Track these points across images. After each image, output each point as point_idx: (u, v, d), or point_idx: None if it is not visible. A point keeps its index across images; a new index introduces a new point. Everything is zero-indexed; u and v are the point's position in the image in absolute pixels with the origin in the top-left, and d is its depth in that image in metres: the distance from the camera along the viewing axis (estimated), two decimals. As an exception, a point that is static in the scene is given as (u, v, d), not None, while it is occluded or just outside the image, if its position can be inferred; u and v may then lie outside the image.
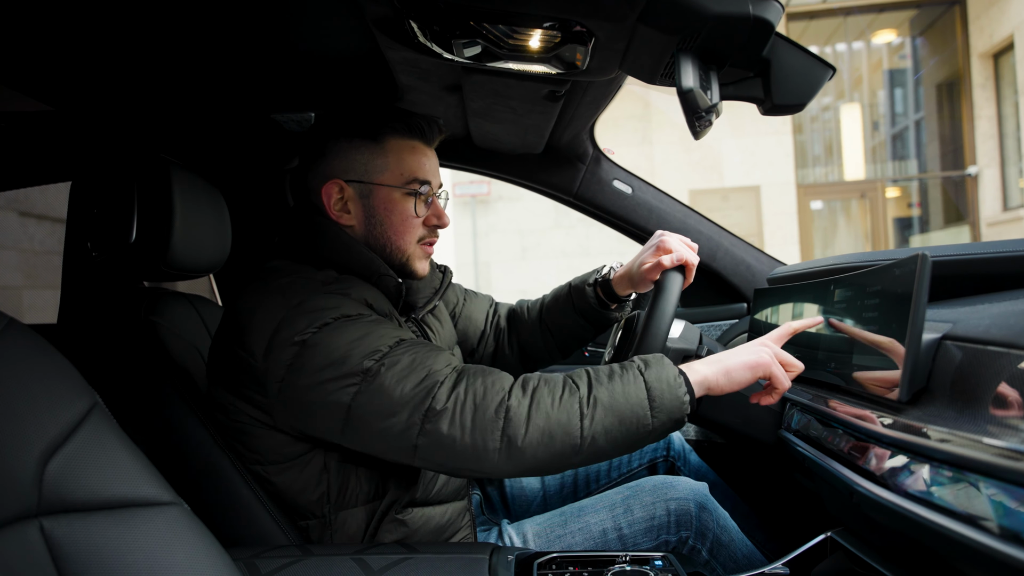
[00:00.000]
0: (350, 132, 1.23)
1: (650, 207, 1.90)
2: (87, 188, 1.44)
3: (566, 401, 1.00)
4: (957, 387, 0.81)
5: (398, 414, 0.99)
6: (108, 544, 0.75)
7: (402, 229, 1.25)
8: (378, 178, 1.23)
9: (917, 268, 0.84)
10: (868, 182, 10.83)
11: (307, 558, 1.03)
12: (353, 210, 1.24)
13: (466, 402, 0.99)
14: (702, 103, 0.96)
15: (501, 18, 0.98)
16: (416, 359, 1.03)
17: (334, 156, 1.24)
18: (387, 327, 1.08)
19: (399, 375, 1.00)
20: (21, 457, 0.71)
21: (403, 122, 1.23)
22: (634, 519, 1.28)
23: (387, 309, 1.18)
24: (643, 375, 1.03)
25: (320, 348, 1.03)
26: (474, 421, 0.97)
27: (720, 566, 1.28)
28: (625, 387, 1.01)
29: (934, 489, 0.74)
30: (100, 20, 1.15)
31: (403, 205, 1.24)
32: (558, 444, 0.98)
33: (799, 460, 1.16)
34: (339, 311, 1.07)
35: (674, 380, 1.03)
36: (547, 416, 0.98)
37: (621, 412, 1.00)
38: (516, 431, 0.97)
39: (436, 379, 1.00)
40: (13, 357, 0.74)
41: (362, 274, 1.21)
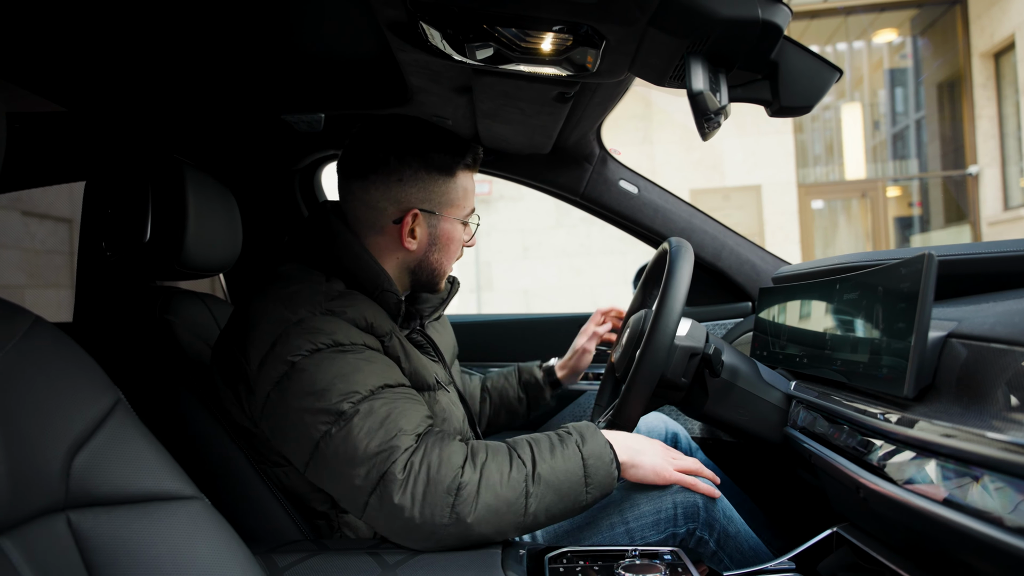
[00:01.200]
0: (430, 165, 1.27)
1: (656, 207, 1.92)
2: (101, 188, 1.46)
3: (514, 478, 1.05)
4: (962, 384, 0.82)
5: (359, 467, 1.03)
6: (133, 537, 0.77)
7: (452, 255, 1.34)
8: (448, 211, 1.31)
9: (924, 267, 0.86)
10: (869, 181, 10.85)
11: (323, 552, 1.04)
12: (419, 236, 1.30)
13: (419, 474, 1.02)
14: (711, 105, 0.98)
15: (514, 21, 1.00)
16: (391, 414, 1.06)
17: (412, 184, 1.27)
18: (375, 366, 1.11)
19: (369, 428, 1.04)
20: (49, 452, 0.73)
21: (472, 156, 1.31)
22: (641, 512, 1.30)
23: (387, 327, 1.21)
24: (580, 450, 1.11)
25: (306, 375, 1.07)
26: (425, 495, 1.01)
27: (727, 557, 1.30)
28: (566, 463, 1.09)
29: (941, 483, 0.75)
30: (113, 22, 1.17)
31: (459, 233, 1.34)
32: (504, 521, 1.04)
33: (805, 457, 1.17)
34: (333, 338, 1.09)
35: (606, 456, 1.13)
36: (496, 494, 1.03)
37: (561, 488, 1.08)
38: (466, 509, 1.01)
39: (399, 444, 1.04)
40: (40, 355, 0.76)
41: (366, 288, 1.24)
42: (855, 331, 1.07)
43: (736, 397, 1.31)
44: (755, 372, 1.33)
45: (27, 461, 0.70)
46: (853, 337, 1.07)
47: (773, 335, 1.44)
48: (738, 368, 1.31)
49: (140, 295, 1.42)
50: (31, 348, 0.75)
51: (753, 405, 1.31)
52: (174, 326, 1.38)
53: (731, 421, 1.32)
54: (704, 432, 1.94)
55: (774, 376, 1.35)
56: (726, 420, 1.33)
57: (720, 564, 1.29)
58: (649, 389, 1.23)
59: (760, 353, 1.48)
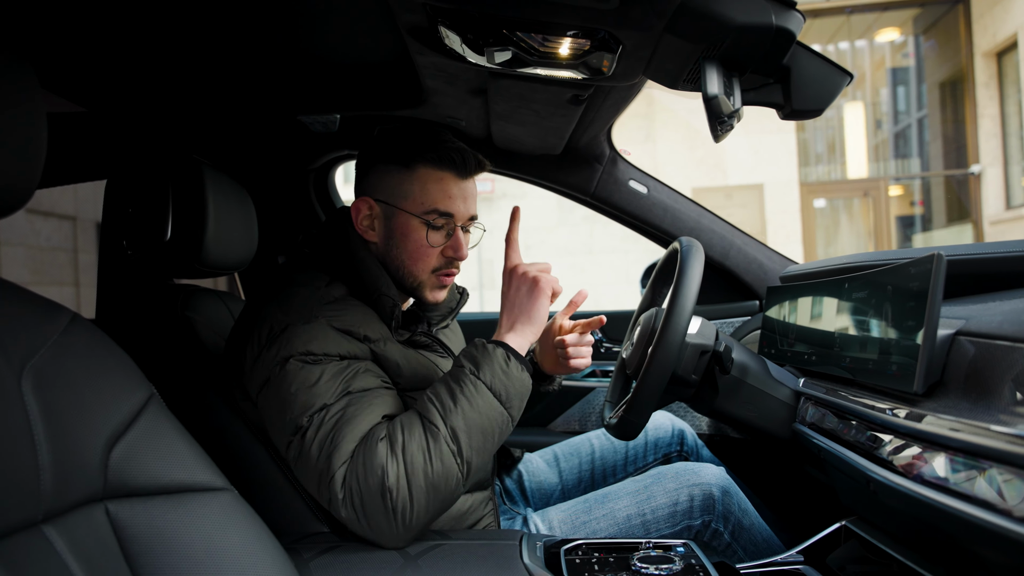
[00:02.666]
0: (386, 155, 1.29)
1: (665, 207, 1.95)
2: (122, 188, 1.49)
3: (434, 449, 1.05)
4: (971, 380, 0.85)
5: (315, 483, 1.08)
6: (168, 526, 0.80)
7: (416, 256, 1.29)
8: (402, 203, 1.27)
9: (933, 266, 0.89)
10: (871, 180, 10.86)
11: (346, 544, 1.07)
12: (377, 228, 1.30)
13: (354, 487, 1.04)
14: (725, 108, 1.00)
15: (533, 26, 1.02)
16: (337, 425, 1.08)
17: (371, 175, 1.31)
18: (342, 375, 1.13)
19: (320, 443, 1.07)
20: (89, 444, 0.75)
21: (436, 152, 1.26)
22: (657, 505, 1.32)
23: (379, 333, 1.22)
24: (482, 381, 1.11)
25: (280, 385, 1.11)
26: (364, 507, 1.04)
27: (741, 549, 1.33)
28: (473, 402, 1.09)
29: (951, 476, 0.78)
30: (133, 24, 1.19)
31: (418, 233, 1.27)
32: (443, 491, 1.06)
33: (814, 452, 1.20)
34: (308, 347, 1.12)
35: (508, 366, 1.12)
36: (425, 474, 1.04)
37: (483, 426, 1.09)
38: (402, 504, 1.03)
39: (335, 461, 1.05)
40: (79, 350, 0.79)
41: (366, 290, 1.25)
42: (864, 329, 1.09)
43: (746, 394, 1.33)
44: (764, 369, 1.35)
45: (69, 453, 0.73)
46: (862, 335, 1.10)
47: (781, 333, 1.46)
48: (748, 365, 1.34)
49: (161, 293, 1.44)
50: (70, 344, 0.78)
51: (762, 402, 1.33)
52: (195, 323, 1.40)
53: (740, 417, 1.35)
54: (711, 429, 1.96)
55: (783, 373, 1.37)
56: (735, 416, 1.35)
57: (734, 556, 1.32)
58: (661, 386, 1.25)
59: (768, 351, 1.50)
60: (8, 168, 0.73)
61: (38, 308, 0.77)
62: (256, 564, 0.83)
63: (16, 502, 0.67)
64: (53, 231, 6.46)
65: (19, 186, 0.75)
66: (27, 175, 0.76)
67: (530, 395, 1.62)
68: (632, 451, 1.69)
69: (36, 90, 0.77)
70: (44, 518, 0.70)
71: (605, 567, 1.04)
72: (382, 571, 0.99)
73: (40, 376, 0.72)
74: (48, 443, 0.71)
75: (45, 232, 6.36)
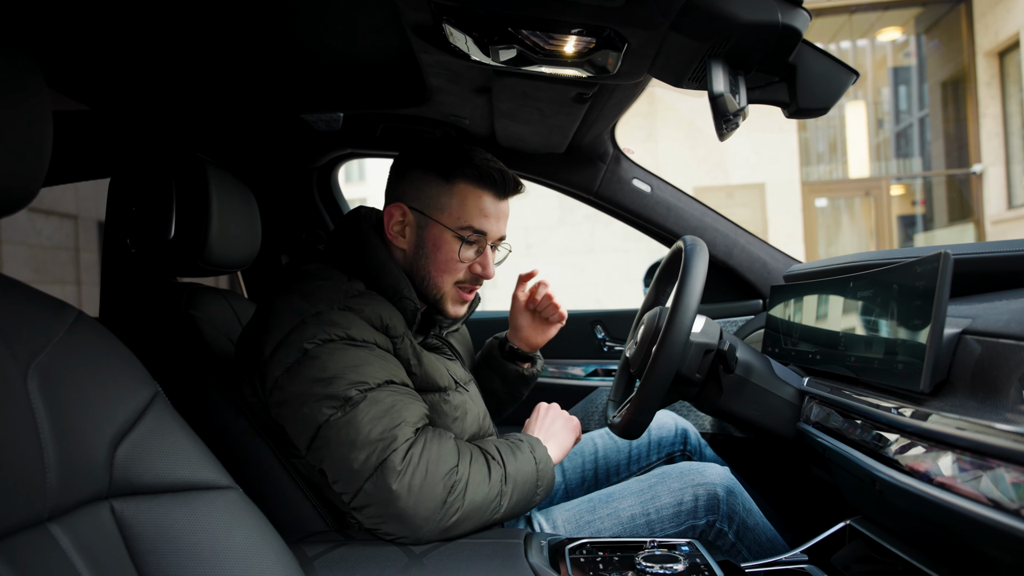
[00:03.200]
0: (427, 164, 1.29)
1: (668, 205, 1.94)
2: (126, 186, 1.49)
3: (494, 478, 1.15)
4: (977, 379, 0.85)
5: (359, 452, 1.07)
6: (173, 525, 0.80)
7: (444, 268, 1.30)
8: (437, 215, 1.29)
9: (940, 265, 0.88)
10: (872, 180, 10.84)
11: (350, 543, 1.07)
12: (408, 236, 1.31)
13: (418, 466, 1.07)
14: (731, 107, 1.00)
15: (538, 24, 1.02)
16: (395, 405, 1.11)
17: (407, 181, 1.31)
18: (383, 362, 1.16)
19: (375, 415, 1.08)
20: (94, 442, 0.75)
21: (477, 169, 1.27)
22: (662, 505, 1.32)
23: (400, 330, 1.23)
24: (533, 455, 1.23)
25: (317, 362, 1.11)
26: (422, 487, 1.06)
27: (746, 549, 1.32)
28: (525, 465, 1.21)
29: (958, 475, 0.78)
30: (137, 23, 1.19)
31: (450, 246, 1.29)
32: (483, 517, 1.13)
33: (818, 451, 1.20)
34: (347, 331, 1.14)
35: (550, 461, 1.26)
36: (482, 492, 1.12)
37: (523, 489, 1.19)
38: (455, 505, 1.08)
39: (400, 434, 1.09)
40: (84, 348, 0.78)
41: (386, 292, 1.26)
42: (869, 328, 1.09)
43: (750, 393, 1.33)
44: (768, 368, 1.35)
45: (74, 451, 0.73)
46: (867, 334, 1.09)
47: (785, 332, 1.46)
48: (752, 364, 1.33)
49: (164, 291, 1.44)
50: (76, 342, 0.78)
51: (766, 401, 1.33)
52: (198, 321, 1.40)
53: (744, 416, 1.34)
54: (715, 428, 1.96)
55: (787, 372, 1.37)
56: (739, 415, 1.35)
57: (738, 556, 1.32)
58: (665, 385, 1.25)
59: (771, 350, 1.50)
60: (13, 166, 0.73)
61: (43, 306, 0.77)
62: (261, 562, 0.83)
63: (21, 500, 0.66)
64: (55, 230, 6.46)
65: (24, 184, 0.75)
66: (32, 173, 0.76)
67: (523, 384, 1.67)
68: (636, 450, 1.69)
69: (42, 88, 0.77)
70: (49, 516, 0.70)
71: (610, 566, 1.03)
72: (387, 569, 0.99)
73: (46, 374, 0.72)
74: (54, 441, 0.71)
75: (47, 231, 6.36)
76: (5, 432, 0.66)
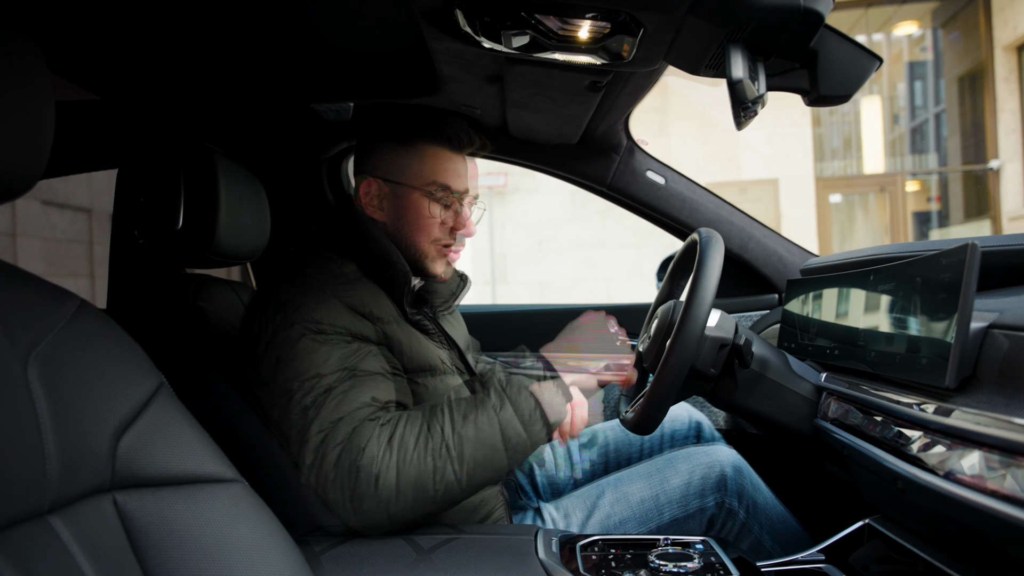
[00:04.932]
0: (387, 135, 1.35)
1: (683, 198, 1.92)
2: (134, 176, 1.48)
3: (429, 448, 1.06)
4: (1006, 374, 0.82)
5: (299, 446, 1.08)
6: (177, 518, 0.78)
7: (418, 227, 1.34)
8: (403, 178, 1.34)
9: (967, 256, 0.86)
10: (888, 176, 10.75)
11: (357, 538, 1.05)
12: (385, 207, 1.35)
13: (336, 460, 1.05)
14: (750, 93, 0.97)
15: (552, 9, 0.99)
16: (328, 396, 1.10)
17: (373, 155, 1.36)
18: (345, 350, 1.15)
19: (303, 409, 1.09)
20: (97, 433, 0.74)
21: (432, 128, 1.33)
22: (670, 487, 1.33)
23: (389, 314, 1.24)
24: (499, 420, 1.10)
25: (286, 349, 1.14)
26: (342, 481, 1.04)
27: (758, 525, 1.33)
28: (481, 432, 1.09)
29: (986, 474, 0.75)
30: (146, 11, 1.18)
31: (421, 205, 1.34)
32: (430, 491, 1.05)
33: (836, 449, 1.17)
34: (315, 317, 1.16)
35: (529, 417, 1.12)
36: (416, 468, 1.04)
37: (481, 452, 1.08)
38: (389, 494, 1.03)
39: (314, 429, 1.08)
40: (87, 337, 0.77)
41: (380, 265, 1.29)
42: (891, 322, 1.06)
43: (766, 388, 1.30)
44: (785, 363, 1.32)
45: (76, 442, 0.71)
46: (888, 328, 1.07)
47: (801, 327, 1.43)
48: (768, 359, 1.31)
49: (172, 282, 1.43)
50: (78, 331, 0.76)
51: (783, 397, 1.30)
52: (207, 312, 1.39)
53: (760, 412, 1.32)
54: (728, 423, 1.93)
55: (804, 368, 1.34)
56: (755, 411, 1.32)
57: (750, 535, 1.31)
58: (679, 380, 1.22)
59: (788, 345, 1.47)
60: (13, 152, 0.71)
61: (45, 294, 0.75)
62: (266, 557, 0.81)
63: (21, 491, 0.65)
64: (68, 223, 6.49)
65: (24, 171, 0.73)
66: (33, 160, 0.74)
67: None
68: (648, 444, 1.67)
69: (43, 72, 0.75)
70: (50, 508, 0.68)
71: (622, 564, 1.01)
72: (394, 565, 0.97)
73: (47, 363, 0.70)
74: (54, 431, 0.69)
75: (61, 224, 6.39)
76: (4, 422, 0.64)
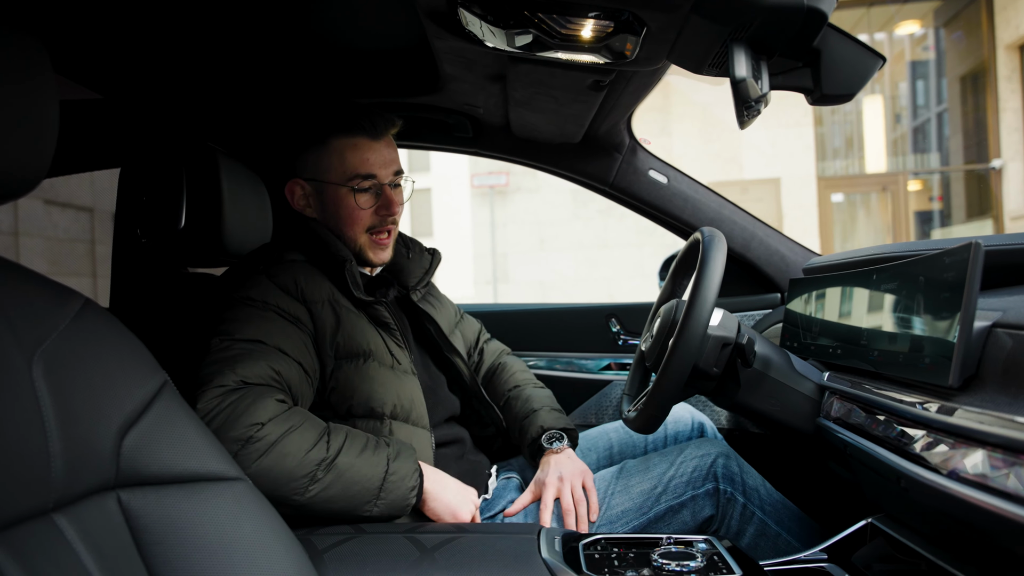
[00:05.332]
0: (302, 137, 1.39)
1: (685, 197, 1.92)
2: (136, 176, 1.48)
3: (309, 458, 1.10)
4: (1009, 373, 0.82)
5: (195, 388, 1.11)
6: (181, 516, 0.78)
7: (350, 221, 1.37)
8: (326, 176, 1.37)
9: (971, 255, 0.86)
10: (889, 175, 10.75)
11: (360, 535, 1.06)
12: (313, 205, 1.40)
13: (221, 412, 1.08)
14: (753, 93, 0.97)
15: (555, 8, 0.99)
16: (238, 357, 1.15)
17: (294, 158, 1.40)
18: (267, 324, 1.21)
19: (216, 360, 1.14)
20: (101, 432, 0.74)
21: (343, 121, 1.35)
22: (666, 477, 1.37)
23: (322, 295, 1.30)
24: (389, 463, 1.17)
25: (221, 318, 1.21)
26: (216, 432, 1.04)
27: (758, 509, 1.34)
28: (369, 468, 1.15)
29: (989, 473, 0.75)
30: (148, 11, 1.18)
31: (348, 200, 1.36)
32: (279, 489, 1.07)
33: (839, 448, 1.17)
34: (249, 293, 1.23)
35: (409, 480, 1.18)
36: (282, 463, 1.08)
37: (350, 489, 1.13)
38: (245, 461, 1.05)
39: (220, 380, 1.11)
40: (91, 336, 0.77)
41: (324, 255, 1.35)
42: (894, 321, 1.06)
43: (768, 387, 1.30)
44: (787, 362, 1.32)
45: (80, 440, 0.71)
46: (892, 327, 1.07)
47: (804, 326, 1.43)
48: (771, 358, 1.31)
49: (175, 281, 1.43)
50: (82, 329, 0.76)
51: (785, 395, 1.30)
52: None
53: (763, 411, 1.32)
54: (731, 423, 1.93)
55: (806, 367, 1.34)
56: (758, 410, 1.32)
57: (752, 518, 1.32)
58: (681, 379, 1.22)
59: (790, 344, 1.47)
60: (17, 151, 0.71)
61: (50, 293, 0.75)
62: (269, 555, 0.82)
63: (26, 489, 0.65)
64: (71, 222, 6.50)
65: (28, 170, 0.73)
66: (37, 158, 0.74)
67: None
68: (651, 444, 1.67)
69: (48, 71, 0.75)
70: (55, 506, 0.68)
71: (624, 563, 1.01)
72: (398, 563, 0.97)
73: (51, 361, 0.70)
74: (59, 430, 0.69)
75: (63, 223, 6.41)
76: (9, 420, 0.64)
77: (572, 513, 1.35)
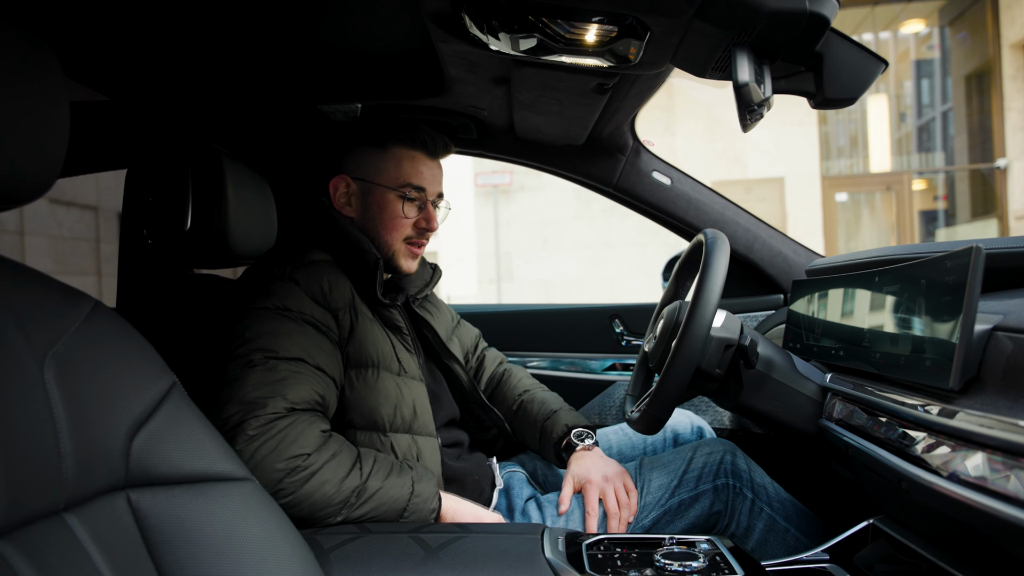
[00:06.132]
0: (362, 138, 1.43)
1: (689, 198, 1.92)
2: (142, 177, 1.49)
3: (345, 485, 1.13)
4: (1009, 376, 0.82)
5: (231, 407, 1.11)
6: (190, 516, 0.79)
7: (391, 226, 1.41)
8: (377, 179, 1.41)
9: (972, 259, 0.86)
10: (894, 174, 10.73)
11: (366, 535, 1.06)
12: (354, 204, 1.43)
13: (271, 439, 1.09)
14: (756, 97, 0.98)
15: (560, 13, 1.00)
16: (286, 379, 1.15)
17: (346, 156, 1.44)
18: (305, 339, 1.21)
19: (261, 381, 1.13)
20: (111, 432, 0.75)
21: (408, 134, 1.41)
22: (686, 469, 1.39)
23: (345, 300, 1.30)
24: (413, 485, 1.21)
25: (245, 326, 1.20)
26: (264, 460, 1.08)
27: (766, 505, 1.36)
28: (396, 490, 1.18)
29: (989, 475, 0.76)
30: (155, 13, 1.19)
31: (394, 205, 1.41)
32: (317, 515, 1.11)
33: (841, 449, 1.18)
34: (284, 302, 1.23)
35: (431, 502, 1.22)
36: (322, 490, 1.11)
37: (379, 509, 1.17)
38: (290, 488, 1.08)
39: (269, 406, 1.11)
40: (101, 338, 0.78)
41: (352, 254, 1.36)
42: (896, 323, 1.07)
43: (771, 389, 1.31)
44: (790, 364, 1.33)
45: (91, 441, 0.72)
46: (893, 329, 1.07)
47: (807, 328, 1.44)
48: (773, 360, 1.31)
49: (181, 282, 1.44)
50: (93, 332, 0.77)
51: (788, 397, 1.31)
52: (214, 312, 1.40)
53: (765, 413, 1.32)
54: (734, 423, 1.94)
55: (809, 368, 1.35)
56: (760, 412, 1.33)
57: (761, 514, 1.33)
58: (684, 380, 1.23)
59: (793, 345, 1.48)
60: (29, 154, 0.72)
61: (61, 295, 0.76)
62: (276, 554, 0.82)
63: (38, 490, 0.66)
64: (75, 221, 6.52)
65: (40, 174, 0.74)
66: (48, 162, 0.75)
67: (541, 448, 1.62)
68: (651, 447, 1.68)
69: (59, 76, 0.76)
70: (66, 506, 0.69)
71: (627, 563, 1.02)
72: (403, 563, 0.98)
73: (62, 363, 0.71)
74: (70, 431, 0.70)
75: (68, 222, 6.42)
76: (22, 422, 0.65)
77: (617, 516, 1.36)
